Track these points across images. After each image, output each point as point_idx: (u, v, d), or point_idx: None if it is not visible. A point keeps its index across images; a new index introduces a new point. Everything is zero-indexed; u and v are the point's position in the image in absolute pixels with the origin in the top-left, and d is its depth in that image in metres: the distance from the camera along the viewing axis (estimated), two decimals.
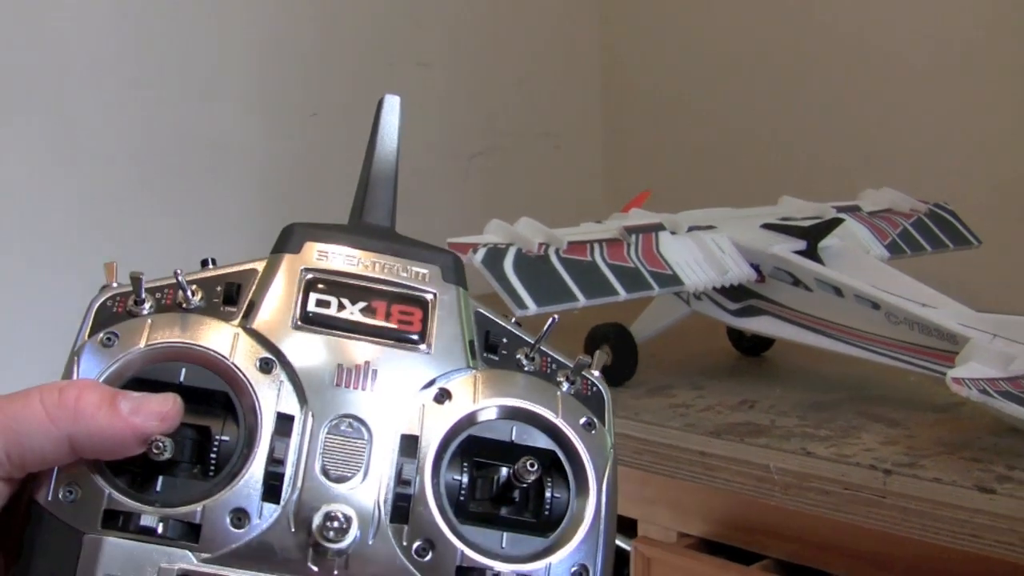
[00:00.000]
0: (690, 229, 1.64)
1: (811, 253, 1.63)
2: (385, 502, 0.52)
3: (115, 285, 0.56)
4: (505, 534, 0.54)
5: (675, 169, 2.79)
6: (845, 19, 2.50)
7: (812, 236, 1.65)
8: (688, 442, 1.42)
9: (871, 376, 1.61)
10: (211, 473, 0.51)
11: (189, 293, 0.56)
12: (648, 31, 2.90)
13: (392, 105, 0.65)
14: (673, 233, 1.63)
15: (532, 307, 1.40)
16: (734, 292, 1.66)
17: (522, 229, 1.52)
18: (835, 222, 1.70)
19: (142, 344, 0.53)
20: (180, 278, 0.56)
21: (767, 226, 1.69)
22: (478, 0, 2.68)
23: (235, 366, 0.53)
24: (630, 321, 1.74)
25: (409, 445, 0.53)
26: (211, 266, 0.58)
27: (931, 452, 1.30)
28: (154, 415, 0.50)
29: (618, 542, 1.49)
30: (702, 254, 1.61)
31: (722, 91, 2.73)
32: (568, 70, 2.93)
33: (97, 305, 0.55)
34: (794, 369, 1.77)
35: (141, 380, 0.52)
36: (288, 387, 0.53)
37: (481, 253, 1.44)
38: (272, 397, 0.52)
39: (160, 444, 0.49)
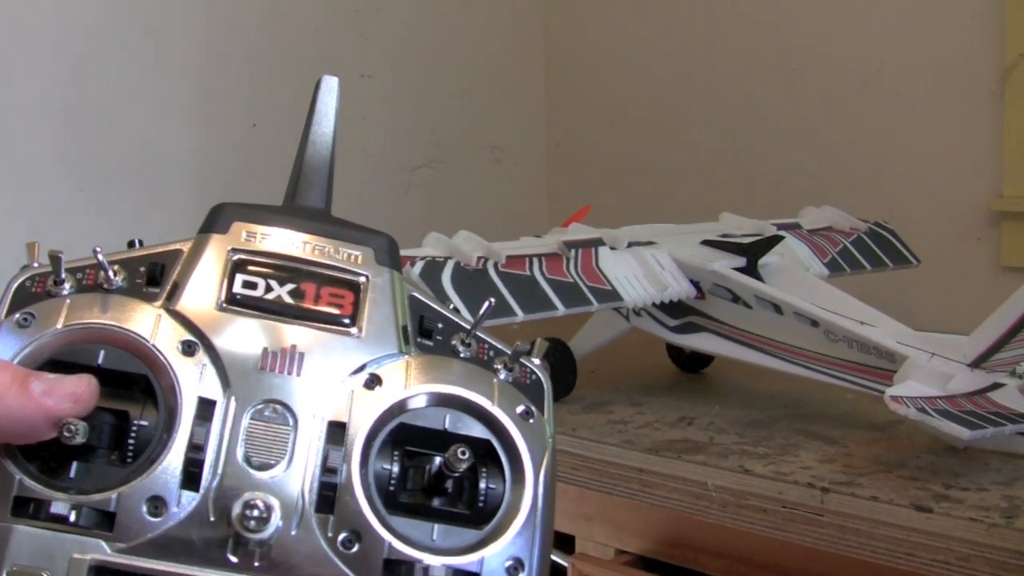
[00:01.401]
0: (630, 245, 1.63)
1: (751, 270, 1.63)
2: (310, 491, 0.49)
3: (35, 265, 0.54)
4: (437, 526, 0.52)
5: (617, 184, 2.79)
6: (788, 39, 2.51)
7: (752, 253, 1.65)
8: (626, 459, 1.41)
9: (809, 394, 1.61)
10: (129, 459, 0.49)
11: (111, 273, 0.53)
12: (592, 46, 2.90)
13: (330, 86, 0.63)
14: (613, 248, 1.62)
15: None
16: (674, 308, 1.65)
17: (460, 243, 1.51)
18: (775, 239, 1.70)
19: (59, 325, 0.51)
20: (100, 257, 0.53)
21: (707, 243, 1.69)
22: (422, 13, 2.67)
23: (156, 348, 0.51)
24: (569, 336, 1.73)
25: (336, 432, 0.51)
26: (137, 247, 0.57)
27: (868, 470, 1.29)
28: (67, 397, 0.47)
29: (555, 558, 1.48)
30: (642, 270, 1.60)
31: (665, 107, 2.74)
32: (512, 84, 2.92)
33: (16, 285, 0.53)
34: (733, 386, 1.77)
35: (58, 362, 0.50)
36: (211, 371, 0.51)
37: (419, 266, 1.43)
38: (194, 381, 0.50)
39: (72, 427, 0.47)
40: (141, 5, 2.13)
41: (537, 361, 0.59)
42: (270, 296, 0.54)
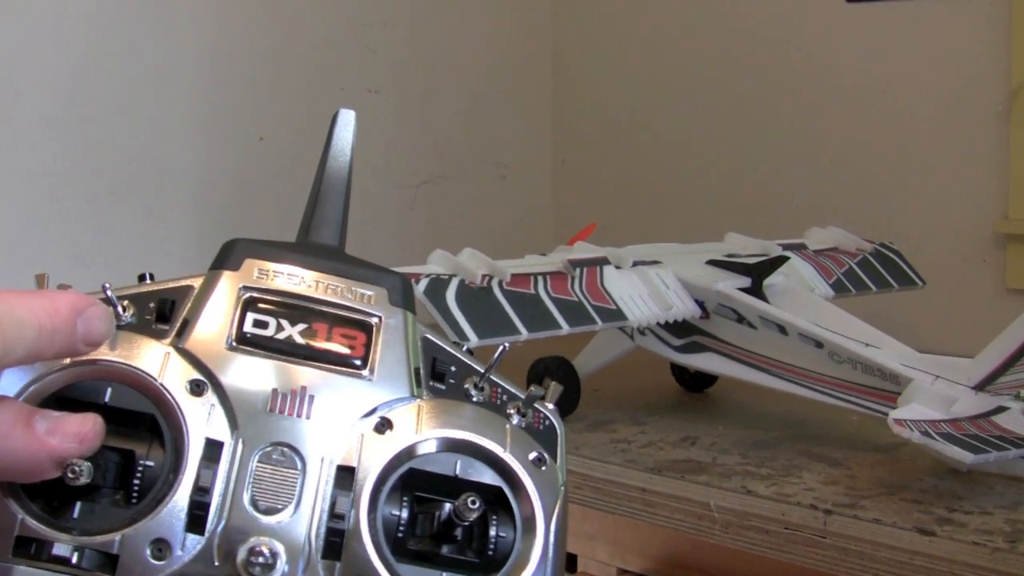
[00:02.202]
0: (635, 264, 1.63)
1: (756, 290, 1.63)
2: (317, 536, 0.48)
3: None
4: (445, 574, 0.51)
5: (623, 202, 2.79)
6: (795, 59, 2.52)
7: (757, 273, 1.65)
8: (629, 478, 1.41)
9: (813, 415, 1.61)
10: (134, 500, 0.48)
11: (120, 309, 0.53)
12: (599, 63, 2.90)
13: (347, 120, 0.62)
14: (618, 267, 1.62)
15: (474, 339, 1.39)
16: (678, 328, 1.65)
17: (465, 260, 1.51)
18: (780, 260, 1.70)
19: (66, 360, 0.50)
20: (109, 293, 0.52)
21: (712, 262, 1.69)
22: (429, 28, 2.67)
23: (163, 387, 0.50)
24: (573, 354, 1.73)
25: (345, 477, 0.50)
26: (148, 281, 0.56)
27: (872, 493, 1.29)
28: (72, 436, 0.46)
29: None
30: (647, 289, 1.60)
31: (672, 125, 2.74)
32: (518, 100, 2.92)
33: None
34: (737, 406, 1.77)
35: (64, 399, 0.49)
36: (219, 411, 0.50)
37: (423, 284, 1.43)
38: (201, 421, 0.49)
39: (76, 468, 0.46)
40: (148, 18, 2.14)
41: (551, 406, 0.58)
42: (281, 336, 0.53)
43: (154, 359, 0.51)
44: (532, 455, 0.54)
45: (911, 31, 2.35)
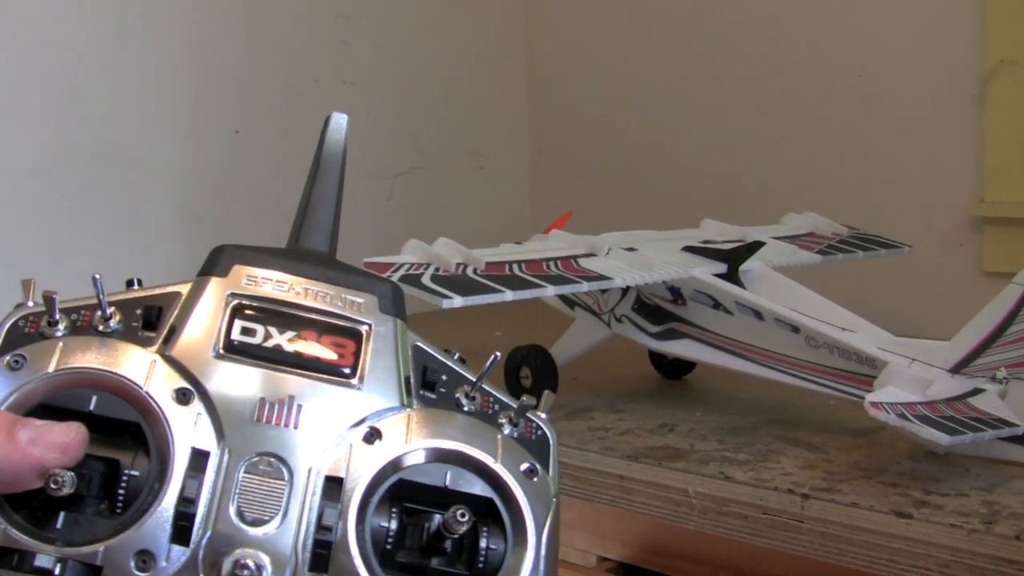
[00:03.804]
0: (610, 251, 1.63)
1: (732, 276, 1.62)
2: (304, 548, 0.48)
3: (30, 304, 0.53)
4: None
5: (600, 190, 2.79)
6: (769, 45, 2.52)
7: (733, 259, 1.65)
8: (607, 466, 1.40)
9: (791, 400, 1.61)
10: (118, 510, 0.48)
11: (107, 312, 0.52)
12: (574, 52, 2.90)
13: (339, 124, 0.61)
14: (594, 256, 1.61)
15: (457, 299, 1.38)
16: (655, 315, 1.65)
17: (440, 249, 1.50)
18: (756, 245, 1.70)
19: (51, 368, 0.49)
20: (100, 284, 0.52)
21: (688, 249, 1.68)
22: (405, 20, 2.66)
23: (149, 395, 0.49)
24: (550, 344, 1.73)
25: (333, 488, 0.50)
26: (135, 287, 0.55)
27: (849, 476, 1.29)
28: (55, 446, 0.46)
29: None
30: (626, 264, 1.59)
31: (647, 114, 2.74)
32: (494, 90, 2.92)
33: (8, 325, 0.52)
34: (714, 392, 1.77)
35: (49, 407, 0.49)
36: (206, 420, 0.49)
37: (397, 276, 1.42)
38: (187, 431, 0.49)
39: (59, 479, 0.45)
40: (123, 12, 2.12)
41: (543, 415, 0.57)
42: (269, 344, 0.52)
43: (140, 367, 0.50)
44: (524, 466, 0.53)
45: (885, 16, 2.35)
